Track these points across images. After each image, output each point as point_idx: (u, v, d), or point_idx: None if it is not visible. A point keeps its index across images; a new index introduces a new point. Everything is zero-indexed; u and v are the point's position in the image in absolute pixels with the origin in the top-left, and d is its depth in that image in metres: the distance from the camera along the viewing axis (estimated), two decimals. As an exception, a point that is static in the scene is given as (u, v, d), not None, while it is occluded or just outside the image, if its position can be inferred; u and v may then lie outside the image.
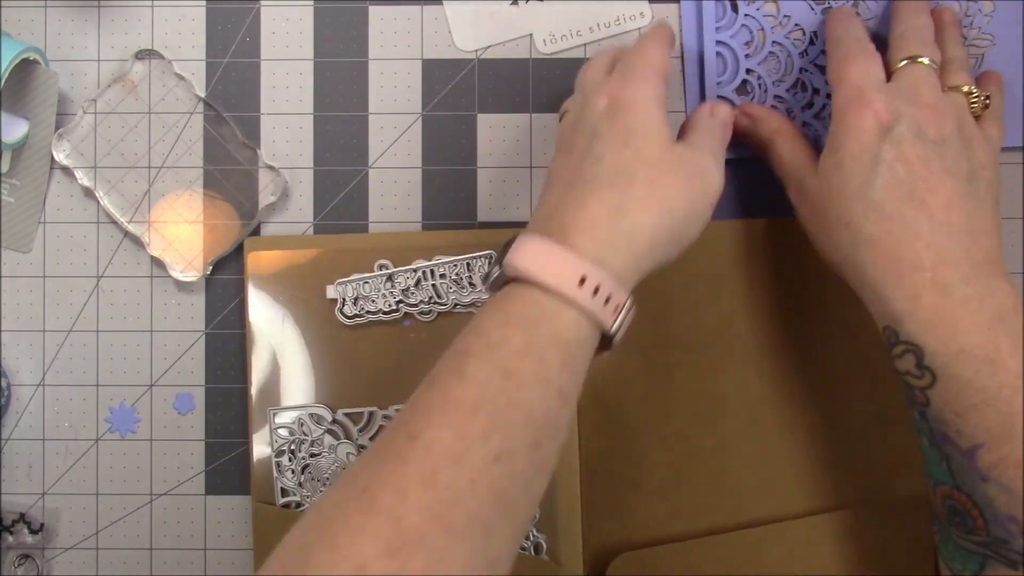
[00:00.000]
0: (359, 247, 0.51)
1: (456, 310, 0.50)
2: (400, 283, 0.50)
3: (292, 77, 0.52)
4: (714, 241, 0.49)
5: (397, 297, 0.50)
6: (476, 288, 0.49)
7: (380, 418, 0.50)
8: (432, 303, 0.50)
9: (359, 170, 0.52)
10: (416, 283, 0.50)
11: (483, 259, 0.50)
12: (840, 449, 0.50)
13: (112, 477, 0.52)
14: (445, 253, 0.50)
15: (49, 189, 0.52)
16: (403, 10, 0.52)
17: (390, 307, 0.50)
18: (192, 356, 0.52)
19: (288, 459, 0.50)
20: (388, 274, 0.50)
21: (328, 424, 0.50)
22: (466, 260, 0.50)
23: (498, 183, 0.52)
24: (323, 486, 0.50)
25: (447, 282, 0.50)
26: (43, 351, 0.52)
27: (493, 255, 0.49)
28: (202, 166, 0.52)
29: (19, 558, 0.52)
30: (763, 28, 0.49)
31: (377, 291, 0.50)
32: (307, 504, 0.50)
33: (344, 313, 0.50)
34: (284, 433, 0.50)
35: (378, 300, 0.50)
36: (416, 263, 0.50)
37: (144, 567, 0.52)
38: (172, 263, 0.52)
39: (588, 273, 0.37)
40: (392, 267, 0.50)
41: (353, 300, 0.50)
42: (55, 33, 0.52)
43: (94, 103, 0.52)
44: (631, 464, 0.50)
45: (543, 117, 0.52)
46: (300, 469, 0.50)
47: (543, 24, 0.52)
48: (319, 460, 0.50)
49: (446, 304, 0.50)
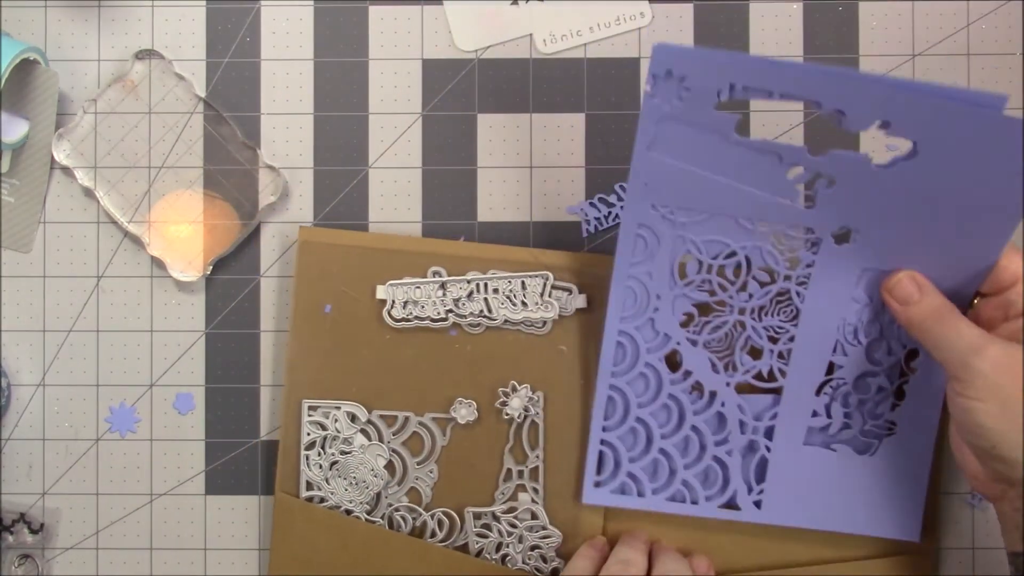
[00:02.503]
0: (414, 249, 0.50)
1: (505, 326, 0.50)
2: (452, 292, 0.49)
3: (292, 77, 0.52)
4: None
5: (448, 306, 0.49)
6: (527, 307, 0.49)
7: (415, 424, 0.50)
8: (482, 316, 0.49)
9: (359, 170, 0.52)
10: (468, 294, 0.50)
11: (538, 279, 0.49)
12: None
13: (112, 477, 0.52)
14: (500, 268, 0.50)
15: (49, 189, 0.52)
16: (403, 10, 0.52)
17: (439, 315, 0.50)
18: (192, 356, 0.52)
19: (318, 453, 0.50)
20: (441, 282, 0.49)
21: (362, 423, 0.50)
22: (521, 278, 0.49)
23: (498, 183, 0.52)
24: (349, 485, 0.50)
25: (500, 297, 0.49)
26: (43, 351, 0.52)
27: (549, 276, 0.49)
28: (202, 166, 0.52)
29: (19, 558, 0.52)
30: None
31: (428, 297, 0.49)
32: (330, 500, 0.50)
33: (392, 315, 0.50)
34: (316, 426, 0.50)
35: (428, 307, 0.49)
36: (470, 274, 0.50)
37: (144, 567, 0.52)
38: (172, 263, 0.52)
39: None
40: (446, 275, 0.50)
41: (403, 303, 0.50)
42: (55, 33, 0.52)
43: (94, 103, 0.52)
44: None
45: (543, 117, 0.52)
46: (328, 465, 0.50)
47: (543, 24, 0.52)
48: (348, 458, 0.50)
49: (496, 319, 0.49)
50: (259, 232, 0.52)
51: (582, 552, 0.48)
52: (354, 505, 0.50)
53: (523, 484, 0.50)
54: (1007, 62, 0.51)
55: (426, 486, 0.50)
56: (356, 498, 0.50)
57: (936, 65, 0.51)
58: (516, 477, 0.50)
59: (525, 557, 0.50)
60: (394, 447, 0.50)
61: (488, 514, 0.50)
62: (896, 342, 0.48)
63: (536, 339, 0.50)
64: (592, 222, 0.52)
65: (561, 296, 0.50)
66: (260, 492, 0.52)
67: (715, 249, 0.47)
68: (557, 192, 0.52)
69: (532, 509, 0.50)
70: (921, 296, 0.45)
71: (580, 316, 0.50)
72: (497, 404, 0.50)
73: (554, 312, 0.49)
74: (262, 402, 0.52)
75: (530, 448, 0.50)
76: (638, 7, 0.52)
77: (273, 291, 0.52)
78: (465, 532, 0.50)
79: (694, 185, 0.45)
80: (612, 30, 0.52)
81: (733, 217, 0.46)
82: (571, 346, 0.50)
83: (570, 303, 0.50)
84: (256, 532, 0.52)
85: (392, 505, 0.50)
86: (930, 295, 0.45)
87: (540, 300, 0.49)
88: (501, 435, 0.50)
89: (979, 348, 0.42)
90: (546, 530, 0.50)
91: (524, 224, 0.52)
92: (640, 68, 0.52)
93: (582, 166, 0.52)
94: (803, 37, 0.52)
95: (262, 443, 0.52)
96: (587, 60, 0.52)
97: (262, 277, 0.52)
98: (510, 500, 0.50)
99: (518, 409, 0.50)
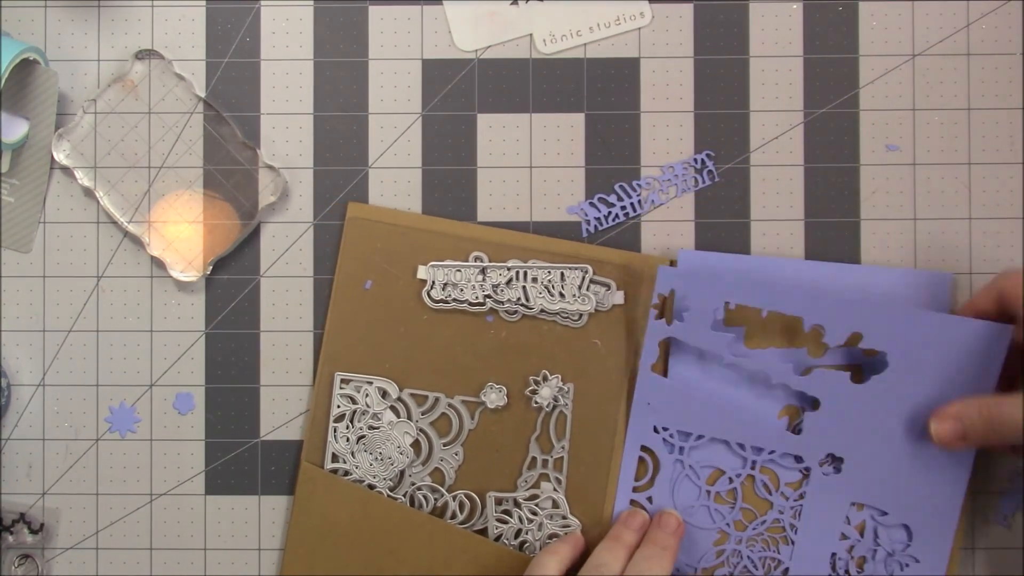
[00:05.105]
0: (458, 233, 0.51)
1: (541, 316, 0.50)
2: (492, 278, 0.50)
3: (292, 77, 0.52)
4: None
5: (487, 291, 0.50)
6: (564, 298, 0.50)
7: (444, 405, 0.51)
8: (519, 304, 0.50)
9: (359, 170, 0.52)
10: (508, 281, 0.50)
11: (578, 271, 0.50)
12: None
13: (112, 477, 0.52)
14: (541, 258, 0.50)
15: (49, 189, 0.52)
16: (403, 10, 0.52)
17: (477, 299, 0.50)
18: (192, 356, 0.52)
19: (346, 426, 0.51)
20: (482, 267, 0.50)
21: (392, 400, 0.51)
22: (560, 269, 0.50)
23: (498, 183, 0.52)
24: (374, 460, 0.50)
25: (538, 287, 0.50)
26: (43, 351, 0.52)
27: (589, 269, 0.50)
28: (202, 166, 0.52)
29: (19, 558, 0.52)
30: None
31: (468, 281, 0.50)
32: (354, 474, 0.51)
33: (431, 296, 0.50)
34: (347, 400, 0.51)
35: (467, 290, 0.50)
36: (511, 262, 0.50)
37: (144, 567, 0.52)
38: (172, 263, 0.52)
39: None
40: (487, 261, 0.50)
41: (443, 285, 0.50)
42: (55, 33, 0.52)
43: (94, 103, 0.52)
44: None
45: (543, 117, 0.52)
46: (355, 439, 0.51)
47: (543, 24, 0.52)
48: (375, 434, 0.50)
49: (533, 308, 0.50)
50: (259, 232, 0.52)
51: (553, 548, 0.48)
52: (377, 480, 0.51)
53: (546, 473, 0.50)
54: (1007, 62, 0.51)
55: (450, 467, 0.51)
56: (380, 473, 0.51)
57: (936, 65, 0.51)
58: (540, 466, 0.50)
59: (543, 544, 0.50)
60: (422, 426, 0.51)
61: (510, 500, 0.50)
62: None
63: (571, 331, 0.50)
64: (592, 222, 0.52)
65: (599, 291, 0.50)
66: (260, 492, 0.52)
67: (711, 475, 0.50)
68: (557, 192, 0.52)
69: (554, 498, 0.50)
70: (963, 416, 0.45)
71: (616, 312, 0.50)
72: (527, 392, 0.50)
73: (591, 306, 0.50)
74: (262, 402, 0.52)
75: (556, 438, 0.50)
76: (638, 7, 0.52)
77: (273, 291, 0.52)
78: (485, 516, 0.50)
79: (692, 406, 0.49)
80: (612, 30, 0.52)
81: (727, 441, 0.49)
82: (605, 341, 0.50)
83: (607, 298, 0.50)
84: (256, 532, 0.52)
85: (415, 484, 0.51)
86: (968, 411, 0.45)
87: (578, 293, 0.50)
88: (529, 423, 0.50)
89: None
90: (566, 519, 0.50)
91: (524, 224, 0.52)
92: (640, 68, 0.52)
93: (582, 166, 0.52)
94: (803, 37, 0.52)
95: (262, 443, 0.52)
96: (587, 60, 0.52)
97: (262, 277, 0.52)
98: (532, 488, 0.50)
99: (547, 398, 0.50)
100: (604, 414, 0.50)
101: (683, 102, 0.52)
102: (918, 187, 0.51)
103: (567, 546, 0.49)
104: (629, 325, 0.50)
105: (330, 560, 0.51)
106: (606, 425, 0.50)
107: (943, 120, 0.51)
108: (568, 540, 0.49)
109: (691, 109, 0.52)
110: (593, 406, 0.50)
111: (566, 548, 0.48)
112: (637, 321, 0.50)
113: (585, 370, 0.50)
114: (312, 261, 0.52)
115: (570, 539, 0.49)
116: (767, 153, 0.51)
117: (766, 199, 0.51)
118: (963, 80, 0.51)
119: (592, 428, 0.50)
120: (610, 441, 0.50)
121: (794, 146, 0.51)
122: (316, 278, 0.52)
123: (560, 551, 0.48)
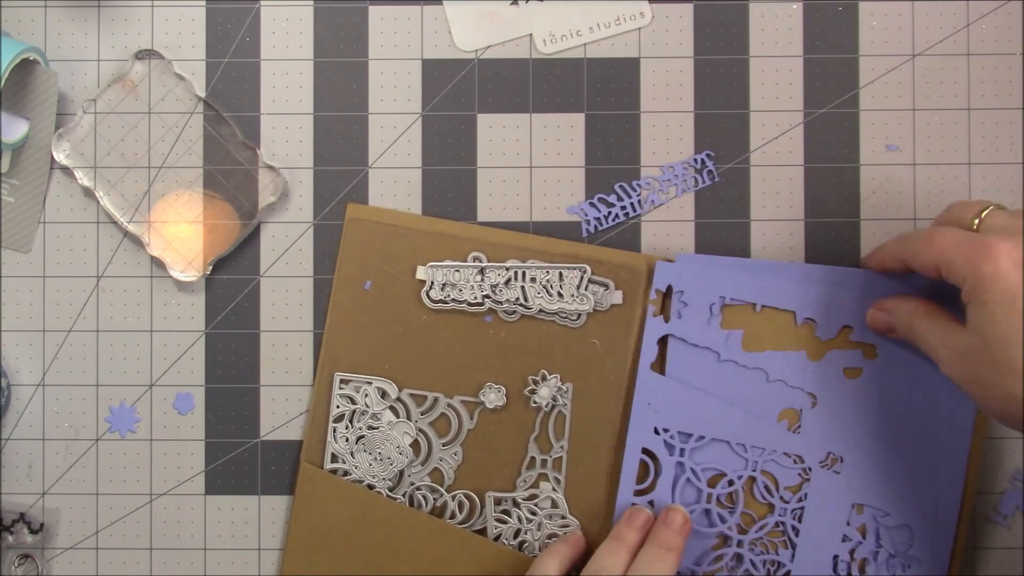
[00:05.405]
0: (457, 234, 0.51)
1: (539, 316, 0.50)
2: (491, 278, 0.50)
3: (292, 77, 0.52)
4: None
5: (485, 291, 0.50)
6: (563, 298, 0.50)
7: (444, 405, 0.51)
8: (518, 304, 0.50)
9: (359, 170, 0.52)
10: (506, 281, 0.50)
11: (576, 271, 0.50)
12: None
13: (112, 477, 0.52)
14: (540, 258, 0.50)
15: (49, 189, 0.52)
16: (403, 10, 0.52)
17: (476, 299, 0.50)
18: (192, 356, 0.52)
19: (345, 426, 0.51)
20: (480, 267, 0.50)
21: (392, 400, 0.51)
22: (559, 269, 0.50)
23: (498, 183, 0.52)
24: (373, 460, 0.50)
25: (536, 286, 0.50)
26: (43, 351, 0.52)
27: (587, 269, 0.49)
28: (202, 166, 0.52)
29: (19, 558, 0.52)
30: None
31: (467, 282, 0.50)
32: (354, 474, 0.51)
33: (430, 296, 0.50)
34: (346, 400, 0.51)
35: (466, 291, 0.50)
36: (510, 262, 0.50)
37: (144, 567, 0.52)
38: (172, 263, 0.52)
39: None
40: (486, 261, 0.50)
41: (441, 285, 0.50)
42: (55, 33, 0.52)
43: (94, 103, 0.52)
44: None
45: (543, 117, 0.52)
46: (355, 439, 0.51)
47: (543, 24, 0.52)
48: (375, 434, 0.51)
49: (531, 308, 0.50)
50: (259, 232, 0.52)
51: (554, 549, 0.48)
52: (377, 480, 0.51)
53: (545, 473, 0.50)
54: (1007, 62, 0.51)
55: (449, 467, 0.51)
56: (379, 474, 0.51)
57: (936, 65, 0.51)
58: (539, 466, 0.50)
59: (542, 544, 0.50)
60: (421, 426, 0.51)
61: (509, 500, 0.50)
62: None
63: (570, 331, 0.50)
64: (592, 222, 0.52)
65: (597, 291, 0.50)
66: (260, 492, 0.52)
67: (712, 477, 0.49)
68: (557, 192, 0.52)
69: (553, 498, 0.50)
70: (895, 311, 0.46)
71: (615, 312, 0.50)
72: (526, 391, 0.50)
73: (589, 305, 0.50)
74: (262, 402, 0.52)
75: (555, 438, 0.50)
76: (638, 7, 0.52)
77: (273, 291, 0.52)
78: (484, 516, 0.50)
79: (693, 406, 0.49)
80: (612, 30, 0.52)
81: (728, 442, 0.49)
82: (604, 341, 0.50)
83: (606, 298, 0.50)
84: (256, 532, 0.52)
85: (414, 484, 0.51)
86: (901, 308, 0.46)
87: (576, 292, 0.50)
88: (527, 423, 0.50)
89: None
90: (565, 519, 0.50)
91: (524, 224, 0.52)
92: (640, 68, 0.52)
93: (582, 166, 0.52)
94: (803, 37, 0.52)
95: (262, 443, 0.52)
96: (587, 60, 0.52)
97: (262, 277, 0.52)
98: (532, 488, 0.50)
99: (546, 398, 0.50)
100: (603, 414, 0.50)
101: (683, 102, 0.52)
102: (918, 187, 0.51)
103: (567, 547, 0.49)
104: (628, 325, 0.50)
105: (330, 560, 0.51)
106: (605, 425, 0.50)
107: (943, 120, 0.51)
108: (568, 540, 0.49)
109: (691, 109, 0.52)
110: (592, 406, 0.50)
111: (566, 549, 0.48)
112: (636, 321, 0.50)
113: (584, 370, 0.50)
114: (312, 261, 0.52)
115: (570, 539, 0.49)
116: (767, 153, 0.51)
117: (766, 199, 0.51)
118: (963, 80, 0.51)
119: (591, 428, 0.50)
120: (609, 441, 0.50)
121: (794, 146, 0.51)
122: (316, 278, 0.52)
123: (560, 552, 0.48)
